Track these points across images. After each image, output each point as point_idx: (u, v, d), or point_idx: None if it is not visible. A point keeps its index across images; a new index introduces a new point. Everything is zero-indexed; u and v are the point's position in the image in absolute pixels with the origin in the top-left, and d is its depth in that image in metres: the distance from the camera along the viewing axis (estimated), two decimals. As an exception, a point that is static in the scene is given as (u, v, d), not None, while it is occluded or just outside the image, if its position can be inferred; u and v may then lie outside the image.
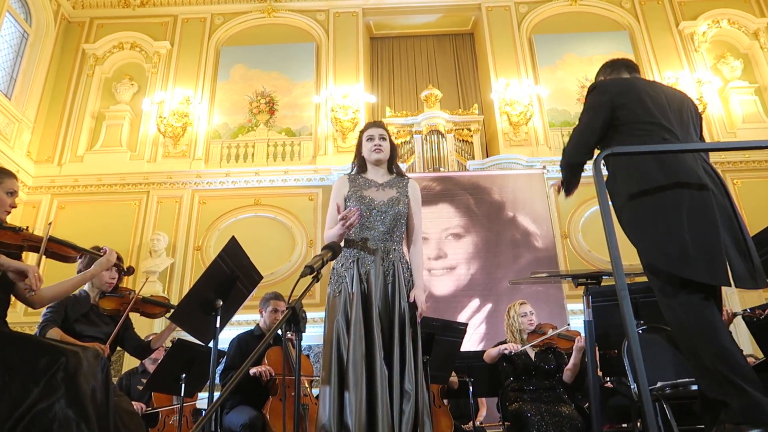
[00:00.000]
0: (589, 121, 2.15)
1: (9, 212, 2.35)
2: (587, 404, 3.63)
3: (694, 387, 2.10)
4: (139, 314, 3.13)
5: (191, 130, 8.31)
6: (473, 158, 8.19)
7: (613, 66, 2.44)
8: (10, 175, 2.40)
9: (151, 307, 3.11)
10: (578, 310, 6.73)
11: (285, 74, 8.79)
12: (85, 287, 3.06)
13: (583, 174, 2.27)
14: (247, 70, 8.84)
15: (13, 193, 2.36)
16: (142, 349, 3.24)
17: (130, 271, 2.99)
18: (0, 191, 2.32)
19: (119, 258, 2.86)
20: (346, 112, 8.21)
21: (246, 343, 3.84)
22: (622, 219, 2.04)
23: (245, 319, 6.46)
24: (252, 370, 3.46)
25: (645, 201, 1.95)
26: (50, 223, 2.44)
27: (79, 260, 2.83)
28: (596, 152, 1.98)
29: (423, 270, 2.60)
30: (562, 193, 2.32)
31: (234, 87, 8.77)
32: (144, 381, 3.92)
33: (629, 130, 2.08)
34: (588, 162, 2.13)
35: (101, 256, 2.69)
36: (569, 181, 2.28)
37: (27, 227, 2.41)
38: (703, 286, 1.85)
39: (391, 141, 2.72)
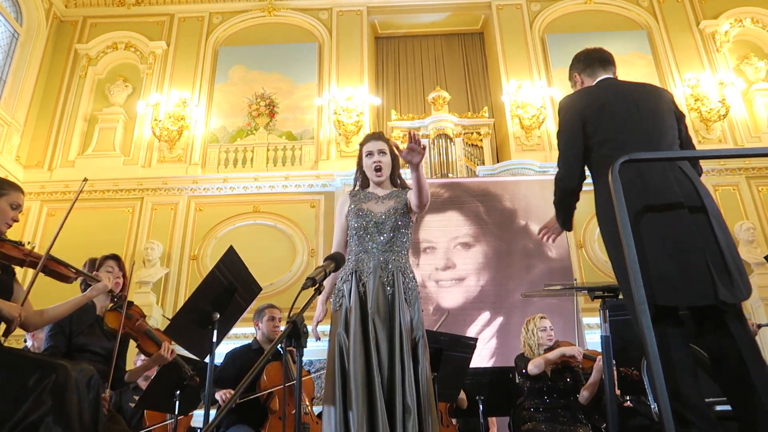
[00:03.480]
0: (568, 145, 2.20)
1: (10, 225, 2.40)
2: (605, 425, 3.62)
3: (720, 408, 2.10)
4: (135, 343, 3.10)
5: (187, 133, 8.35)
6: (483, 163, 8.21)
7: (586, 61, 2.44)
8: (16, 188, 2.48)
9: (149, 343, 3.07)
10: (594, 324, 6.67)
11: (286, 75, 8.85)
12: None
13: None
14: (246, 71, 8.91)
15: (17, 207, 2.43)
16: (117, 380, 3.16)
17: (124, 302, 2.96)
18: (3, 202, 2.38)
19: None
20: (350, 115, 8.25)
21: (242, 357, 3.83)
22: (602, 232, 2.12)
23: (242, 333, 6.45)
24: (217, 395, 3.46)
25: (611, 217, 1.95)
26: (54, 240, 2.48)
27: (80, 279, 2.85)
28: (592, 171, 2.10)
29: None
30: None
31: (233, 89, 8.82)
32: (136, 398, 3.92)
33: (599, 147, 2.13)
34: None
35: (98, 281, 2.72)
36: (566, 212, 2.32)
37: (28, 242, 2.46)
38: (668, 309, 1.84)
39: (392, 153, 2.76)
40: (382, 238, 2.57)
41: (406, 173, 2.70)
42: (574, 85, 2.52)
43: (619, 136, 2.09)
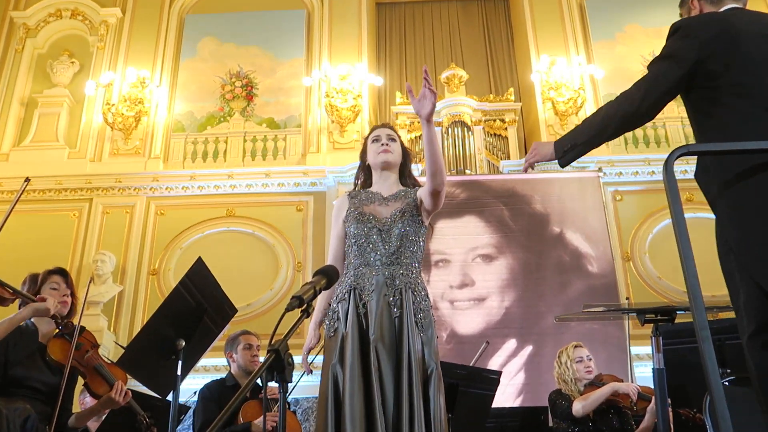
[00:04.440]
0: (665, 72, 2.07)
1: None
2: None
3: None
4: (82, 380, 3.06)
5: (147, 120, 8.31)
6: (508, 157, 8.17)
7: None
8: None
9: (99, 382, 3.00)
10: (645, 354, 6.66)
11: (267, 50, 8.83)
12: (33, 318, 3.03)
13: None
14: (218, 44, 8.90)
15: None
16: (60, 425, 3.11)
17: (74, 329, 2.93)
18: None
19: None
20: (345, 98, 8.21)
21: (219, 393, 3.81)
22: (716, 214, 1.98)
23: (213, 364, 6.45)
24: None
25: (750, 185, 1.86)
26: None
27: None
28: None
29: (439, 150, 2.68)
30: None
31: (202, 66, 8.80)
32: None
33: (721, 100, 2.00)
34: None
35: (36, 301, 2.73)
36: (593, 143, 2.18)
37: None
38: None
39: (403, 146, 2.85)
40: (387, 247, 2.58)
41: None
42: (688, 12, 2.37)
43: (758, 85, 1.95)
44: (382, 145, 2.75)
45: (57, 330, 3.00)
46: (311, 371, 2.73)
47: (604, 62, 8.58)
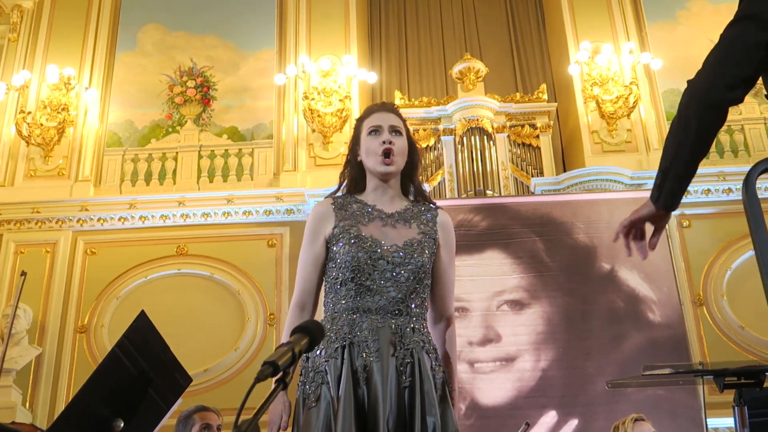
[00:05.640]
0: (742, 35, 2.00)
1: None
2: None
3: None
4: None
5: (72, 132, 8.29)
6: (541, 173, 8.20)
7: None
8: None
9: None
10: (726, 428, 6.63)
11: (228, 39, 8.88)
12: None
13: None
14: (165, 33, 8.93)
15: None
16: None
17: None
18: None
19: None
20: (330, 101, 8.22)
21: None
22: None
23: (162, 450, 6.43)
24: None
25: None
26: None
27: None
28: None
29: (457, 363, 2.63)
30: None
31: (144, 61, 8.82)
32: None
33: None
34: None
35: None
36: (678, 151, 2.04)
37: None
38: None
39: (410, 139, 2.74)
40: (396, 291, 2.50)
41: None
42: None
43: None
44: (384, 143, 2.61)
45: None
46: None
47: (662, 49, 8.60)
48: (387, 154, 2.59)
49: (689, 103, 2.00)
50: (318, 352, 2.45)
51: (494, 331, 6.97)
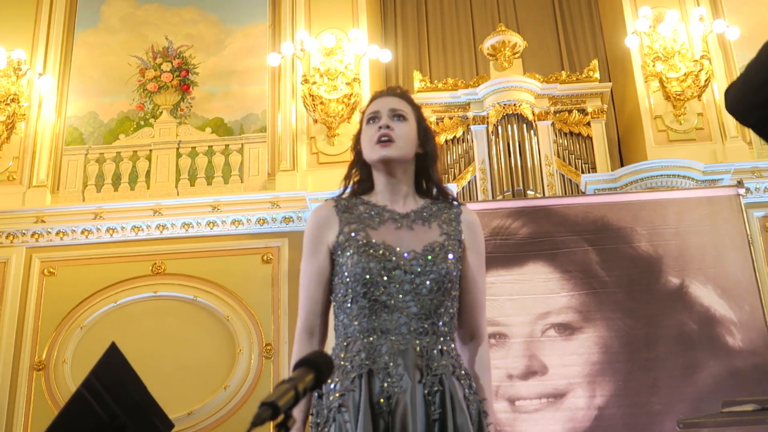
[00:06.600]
0: None
1: None
2: None
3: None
4: None
5: (24, 128, 8.26)
6: (594, 169, 8.07)
7: None
8: None
9: None
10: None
11: (210, 12, 8.77)
12: None
13: None
14: (134, 6, 8.84)
15: None
16: None
17: None
18: None
19: None
20: (335, 85, 8.08)
21: None
22: None
23: None
24: None
25: None
26: None
27: None
28: None
29: (492, 387, 2.67)
30: None
31: (109, 40, 8.75)
32: None
33: None
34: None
35: None
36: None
37: None
38: None
39: (420, 123, 2.72)
40: (419, 306, 2.48)
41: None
42: None
43: None
44: (380, 128, 2.59)
45: None
46: None
47: (739, 16, 8.36)
48: (382, 140, 2.62)
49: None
50: (332, 386, 2.47)
51: (539, 361, 6.91)
